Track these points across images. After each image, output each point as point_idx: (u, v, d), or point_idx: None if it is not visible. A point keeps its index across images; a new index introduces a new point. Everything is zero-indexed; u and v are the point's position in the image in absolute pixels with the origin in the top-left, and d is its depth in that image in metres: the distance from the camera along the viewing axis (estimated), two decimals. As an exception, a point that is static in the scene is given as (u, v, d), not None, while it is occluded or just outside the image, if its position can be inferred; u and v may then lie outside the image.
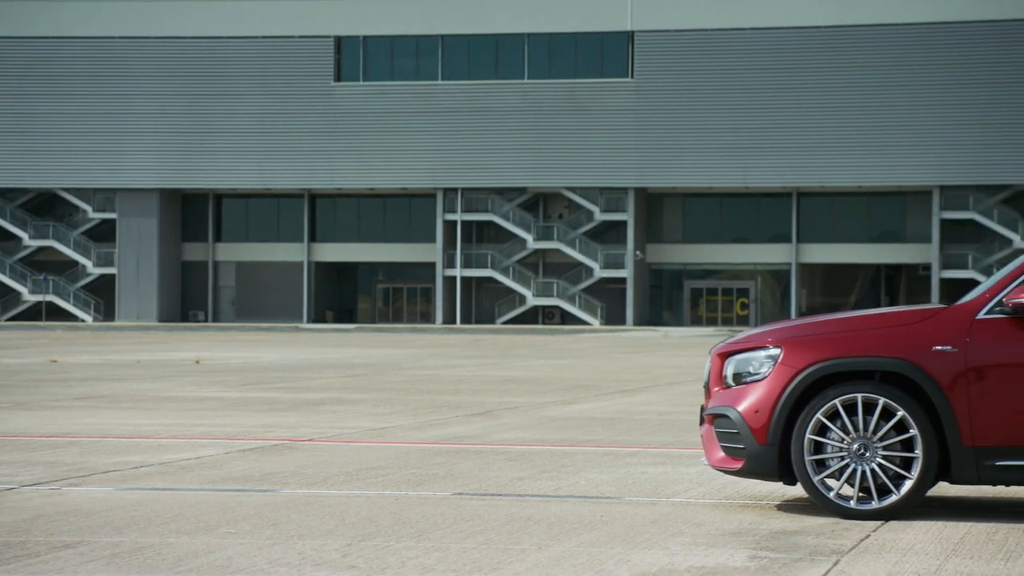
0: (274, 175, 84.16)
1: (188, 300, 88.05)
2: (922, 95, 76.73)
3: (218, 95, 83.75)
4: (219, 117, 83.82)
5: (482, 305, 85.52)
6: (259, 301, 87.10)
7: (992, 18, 76.10)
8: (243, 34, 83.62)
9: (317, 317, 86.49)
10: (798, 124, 78.41)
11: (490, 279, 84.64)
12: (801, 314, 78.98)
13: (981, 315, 8.46)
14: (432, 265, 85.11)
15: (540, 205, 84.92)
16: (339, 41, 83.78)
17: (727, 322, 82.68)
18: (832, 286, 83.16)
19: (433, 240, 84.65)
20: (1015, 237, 76.91)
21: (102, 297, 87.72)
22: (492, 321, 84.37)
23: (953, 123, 76.51)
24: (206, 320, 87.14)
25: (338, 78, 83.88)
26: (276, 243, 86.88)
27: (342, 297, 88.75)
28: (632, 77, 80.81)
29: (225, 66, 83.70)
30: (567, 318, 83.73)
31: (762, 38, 78.86)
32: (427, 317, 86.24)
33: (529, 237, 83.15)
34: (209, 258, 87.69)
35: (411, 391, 21.12)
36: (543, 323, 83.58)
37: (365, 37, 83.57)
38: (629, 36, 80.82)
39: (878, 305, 77.86)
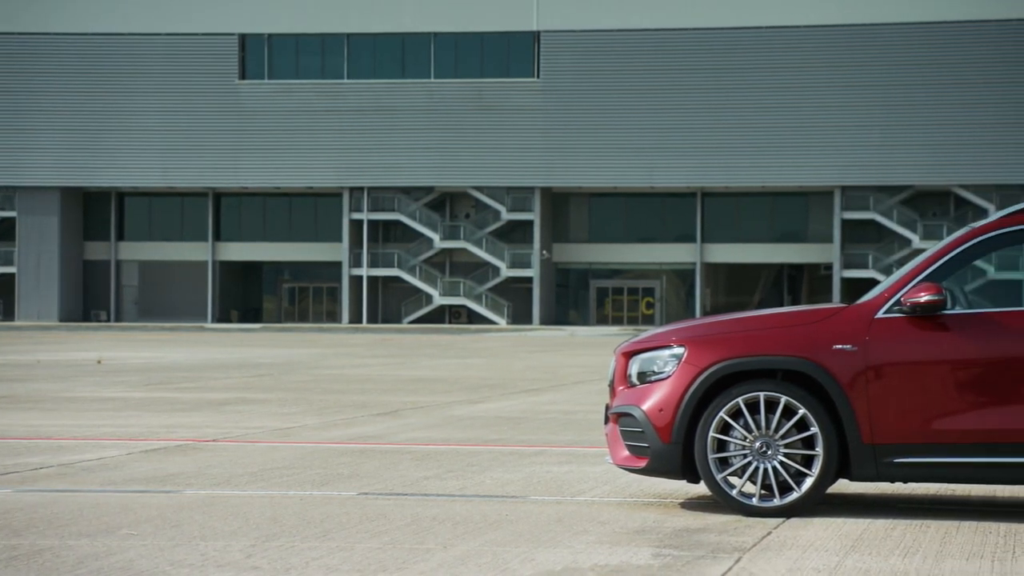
0: (178, 173, 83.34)
1: (90, 300, 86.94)
2: (823, 97, 77.65)
3: (121, 92, 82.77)
4: (122, 115, 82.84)
5: (388, 304, 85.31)
6: (163, 301, 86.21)
7: (893, 21, 77.17)
8: (146, 31, 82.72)
9: (222, 317, 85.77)
10: (703, 125, 79.05)
11: (396, 278, 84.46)
12: (705, 313, 79.64)
13: (880, 314, 8.59)
14: (338, 264, 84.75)
15: (447, 204, 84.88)
16: (243, 39, 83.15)
17: (632, 321, 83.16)
18: (736, 285, 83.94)
19: (339, 239, 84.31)
20: (914, 237, 78.09)
21: (1, 297, 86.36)
22: (399, 321, 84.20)
23: (854, 125, 77.52)
24: (108, 320, 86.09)
25: (243, 76, 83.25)
26: (180, 242, 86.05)
27: (247, 297, 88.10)
28: (538, 77, 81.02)
29: (128, 63, 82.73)
30: (474, 317, 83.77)
31: (667, 39, 79.39)
32: (333, 316, 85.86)
33: (436, 236, 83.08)
34: (111, 257, 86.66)
35: (316, 391, 21.02)
36: (450, 322, 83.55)
37: (270, 35, 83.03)
38: (535, 36, 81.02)
39: (781, 304, 78.72)
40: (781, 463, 8.56)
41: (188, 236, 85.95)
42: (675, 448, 8.68)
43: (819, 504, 8.82)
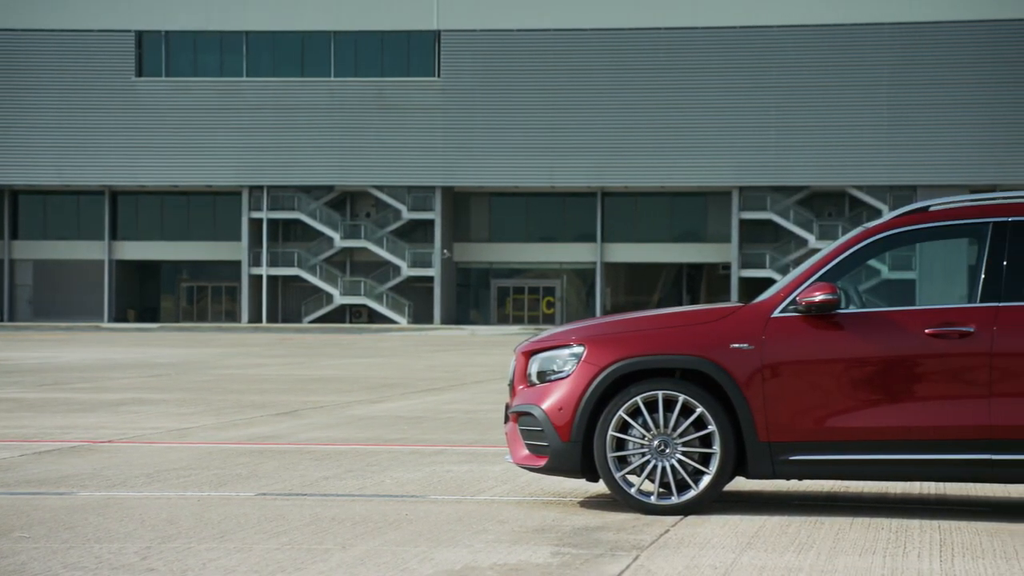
0: (73, 171, 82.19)
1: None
2: (721, 99, 78.38)
3: (14, 89, 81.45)
4: (15, 111, 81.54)
5: (288, 304, 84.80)
6: (58, 300, 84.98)
7: (787, 23, 78.06)
8: (42, 27, 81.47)
9: (119, 316, 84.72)
10: (603, 125, 79.46)
11: (297, 278, 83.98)
12: (606, 312, 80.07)
13: (776, 313, 8.68)
14: (237, 263, 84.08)
15: (347, 203, 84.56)
16: (140, 36, 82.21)
17: (533, 320, 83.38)
18: (636, 285, 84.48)
19: (238, 238, 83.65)
20: (810, 237, 79.08)
21: None
22: (299, 320, 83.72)
23: (751, 126, 78.34)
24: (1, 320, 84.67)
25: (139, 73, 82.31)
26: (76, 241, 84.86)
27: (144, 296, 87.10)
28: (439, 76, 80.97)
29: (23, 59, 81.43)
30: (374, 317, 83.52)
31: (567, 40, 79.71)
32: (232, 316, 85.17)
33: (336, 236, 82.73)
34: (4, 256, 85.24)
35: (215, 391, 20.84)
36: (350, 322, 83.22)
37: (167, 32, 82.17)
38: (436, 35, 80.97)
39: (680, 303, 79.34)
40: (679, 461, 8.63)
41: (84, 235, 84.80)
42: (574, 447, 8.72)
43: (716, 502, 8.90)
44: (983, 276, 8.54)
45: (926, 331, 8.46)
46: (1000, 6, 76.08)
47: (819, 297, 8.53)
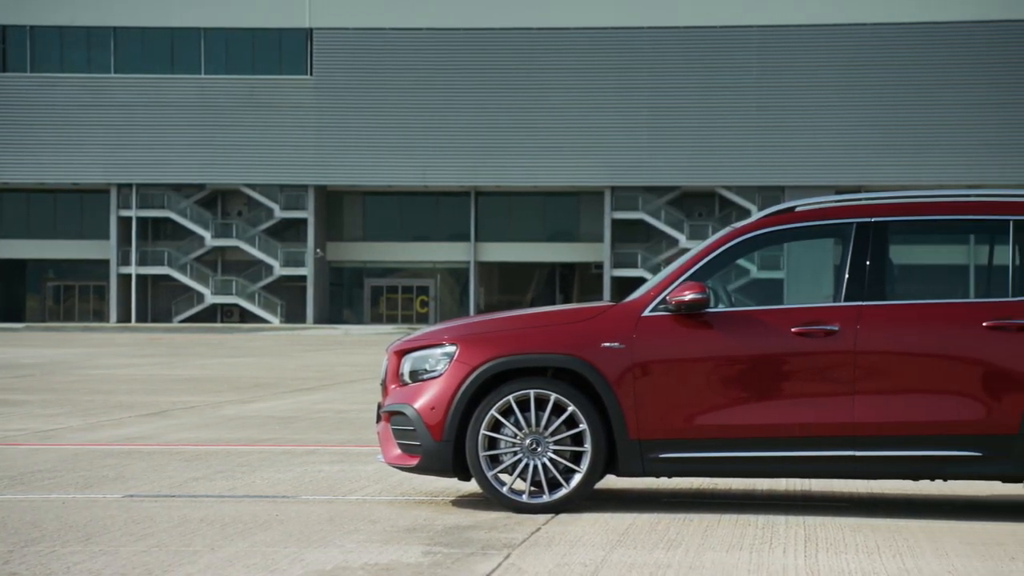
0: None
1: None
2: (592, 99, 78.88)
3: None
4: None
5: (158, 303, 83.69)
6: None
7: (654, 25, 78.82)
8: (-99, 19, 79.52)
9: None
10: (476, 125, 79.57)
11: (167, 277, 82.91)
12: (479, 312, 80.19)
13: (647, 312, 8.76)
14: (106, 262, 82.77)
15: (218, 202, 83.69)
16: (4, 30, 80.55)
17: (407, 320, 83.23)
18: (509, 284, 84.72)
19: (107, 237, 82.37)
20: (681, 237, 79.93)
21: None
22: (169, 320, 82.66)
23: (623, 127, 78.95)
24: None
25: (4, 68, 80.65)
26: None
27: (9, 295, 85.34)
28: (311, 75, 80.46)
29: None
30: (246, 316, 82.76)
31: (440, 39, 79.68)
32: (101, 316, 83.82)
33: (207, 234, 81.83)
34: None
35: (82, 391, 20.50)
36: (222, 321, 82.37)
37: (32, 27, 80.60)
38: (308, 33, 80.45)
39: (553, 303, 79.72)
40: (551, 460, 8.68)
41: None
42: (447, 446, 8.73)
43: (588, 500, 8.96)
44: (847, 276, 8.71)
45: (792, 330, 8.60)
46: (864, 11, 77.54)
47: (688, 296, 8.63)
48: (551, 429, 8.68)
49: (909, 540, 7.87)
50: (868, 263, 8.68)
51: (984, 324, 8.50)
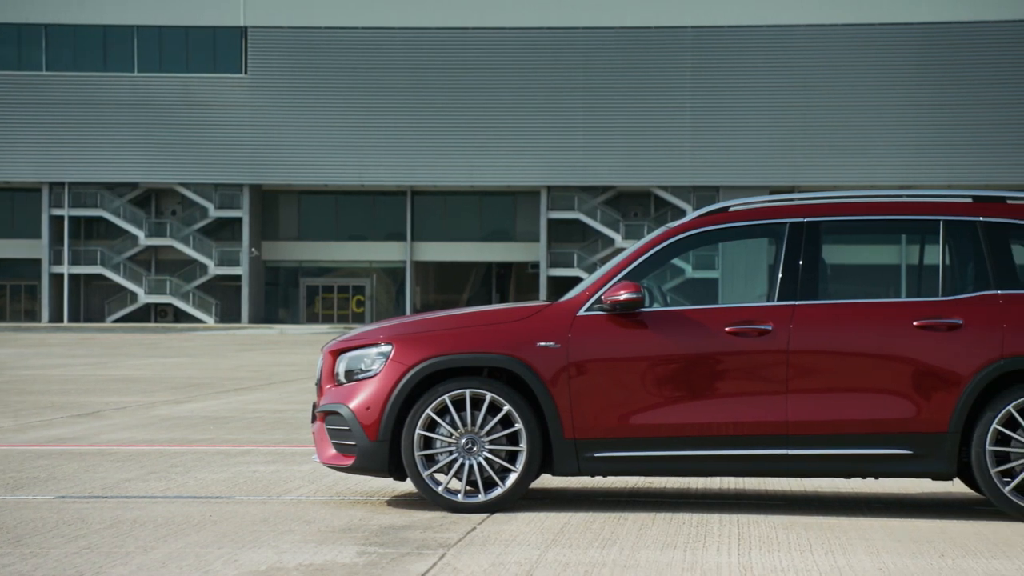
0: None
1: None
2: (529, 99, 78.95)
3: None
4: None
5: (91, 303, 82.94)
6: None
7: (586, 25, 79.06)
8: None
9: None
10: (412, 124, 79.43)
11: (100, 276, 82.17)
12: (415, 311, 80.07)
13: (582, 312, 8.78)
14: (38, 262, 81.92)
15: (152, 201, 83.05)
16: (-65, 26, 79.61)
17: (343, 319, 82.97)
18: (446, 284, 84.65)
19: (39, 236, 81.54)
20: (616, 237, 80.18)
21: None
22: (102, 319, 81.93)
23: (559, 127, 79.08)
24: None
25: (-66, 65, 79.71)
26: None
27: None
28: (246, 73, 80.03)
29: None
30: (181, 316, 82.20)
31: (375, 37, 79.47)
32: (32, 315, 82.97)
33: (141, 233, 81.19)
34: None
35: (12, 392, 20.28)
36: (156, 321, 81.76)
37: (-37, 23, 79.72)
38: (243, 32, 80.00)
39: (489, 302, 79.73)
40: (486, 459, 8.68)
41: None
42: (382, 446, 8.71)
43: (523, 499, 8.97)
44: (780, 275, 8.76)
45: (726, 329, 8.65)
46: (797, 12, 78.09)
47: (623, 296, 8.66)
48: (487, 428, 8.68)
49: (841, 538, 7.94)
50: (801, 263, 8.75)
51: (915, 323, 8.59)
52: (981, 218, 8.84)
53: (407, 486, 9.68)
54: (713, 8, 78.49)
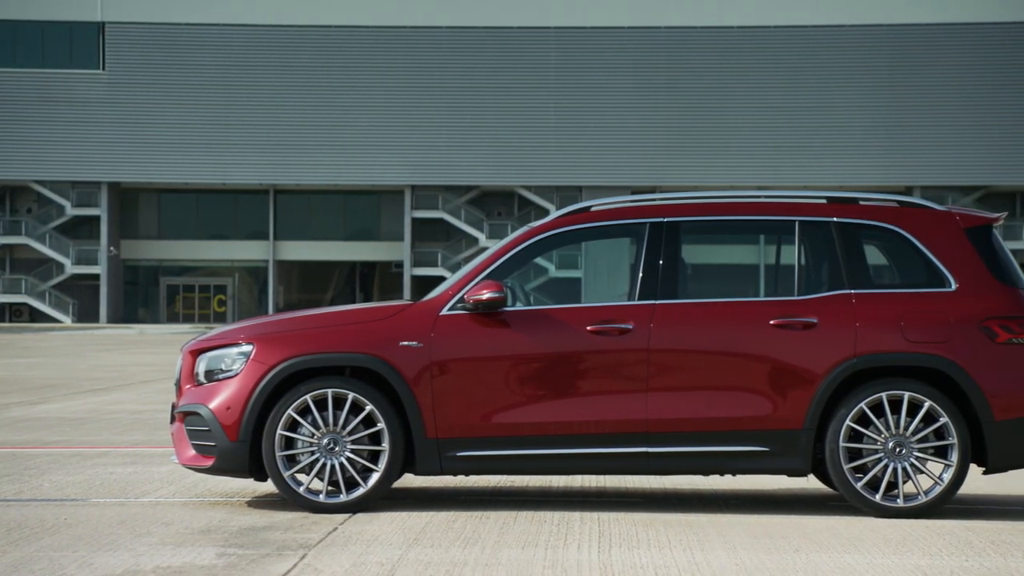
0: None
1: None
2: (392, 98, 78.75)
3: None
4: None
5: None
6: None
7: (447, 25, 79.14)
8: None
9: None
10: (275, 122, 78.78)
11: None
12: (278, 311, 79.43)
13: (445, 311, 8.79)
14: None
15: (6, 199, 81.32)
16: None
17: (204, 319, 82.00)
18: (309, 283, 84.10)
19: None
20: (480, 236, 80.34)
21: None
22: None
23: (423, 126, 78.99)
24: None
25: None
26: None
27: None
28: (104, 69, 78.72)
29: None
30: (36, 316, 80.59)
31: (235, 34, 78.67)
32: None
33: (-6, 232, 79.51)
34: None
35: None
36: (10, 321, 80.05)
37: None
38: (100, 27, 78.67)
39: (353, 301, 79.32)
40: (348, 459, 8.65)
41: None
42: (242, 446, 8.64)
43: (385, 499, 8.95)
44: (641, 275, 8.85)
45: (588, 328, 8.71)
46: (656, 15, 78.94)
47: (486, 295, 8.68)
48: (349, 428, 8.65)
49: (699, 534, 8.04)
50: (661, 262, 8.84)
51: (771, 322, 8.73)
52: (835, 219, 9.01)
53: (268, 487, 9.61)
54: (575, 9, 79.03)
